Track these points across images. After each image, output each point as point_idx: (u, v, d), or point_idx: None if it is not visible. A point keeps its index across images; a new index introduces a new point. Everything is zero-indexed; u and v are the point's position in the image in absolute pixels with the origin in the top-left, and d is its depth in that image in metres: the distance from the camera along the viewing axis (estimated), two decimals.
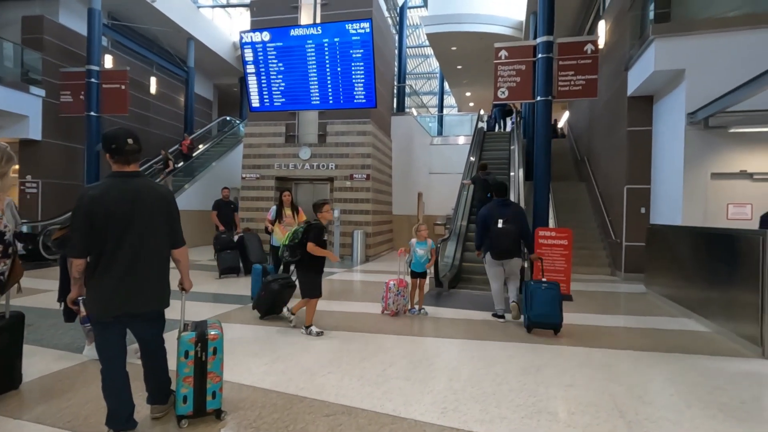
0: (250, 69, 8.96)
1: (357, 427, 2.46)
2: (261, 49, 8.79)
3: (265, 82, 8.98)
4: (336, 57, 8.37)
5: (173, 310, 2.66)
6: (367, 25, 8.06)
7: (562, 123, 19.44)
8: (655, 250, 6.59)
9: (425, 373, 3.31)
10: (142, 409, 2.47)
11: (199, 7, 15.55)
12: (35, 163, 10.55)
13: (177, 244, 2.39)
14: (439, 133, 16.47)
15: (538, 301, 4.40)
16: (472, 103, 22.67)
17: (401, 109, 14.70)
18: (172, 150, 13.93)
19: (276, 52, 8.74)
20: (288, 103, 9.12)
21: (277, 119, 11.04)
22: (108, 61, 11.51)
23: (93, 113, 10.31)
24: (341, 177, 10.65)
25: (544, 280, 4.69)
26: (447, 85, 20.64)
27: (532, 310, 4.44)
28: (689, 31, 6.54)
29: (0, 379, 2.78)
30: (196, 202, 12.57)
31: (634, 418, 2.63)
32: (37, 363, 3.33)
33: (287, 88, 8.91)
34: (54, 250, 3.67)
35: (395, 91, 14.58)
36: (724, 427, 2.54)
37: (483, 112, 14.73)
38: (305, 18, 10.90)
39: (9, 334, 2.83)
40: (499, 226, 4.80)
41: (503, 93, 7.18)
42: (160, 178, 12.09)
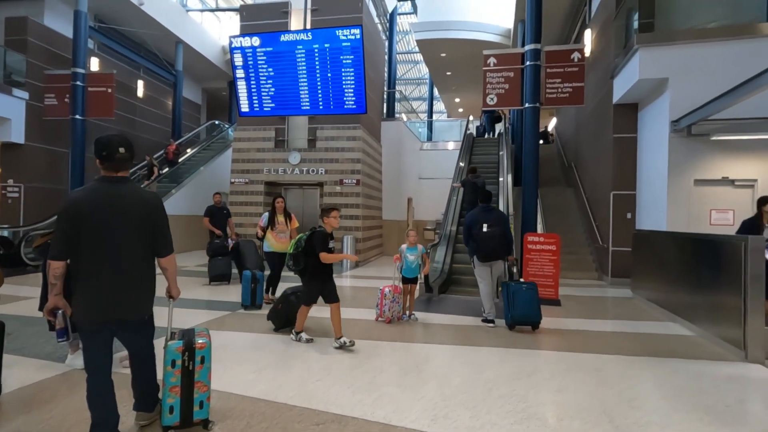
0: (240, 74, 8.93)
1: None
2: (251, 54, 8.76)
3: (255, 87, 8.95)
4: (326, 63, 8.39)
5: (160, 318, 2.62)
6: (357, 31, 8.10)
7: (550, 128, 19.72)
8: (640, 255, 6.69)
9: (416, 379, 3.30)
10: (127, 419, 2.42)
11: (188, 10, 15.44)
12: (17, 167, 10.32)
13: (163, 252, 2.33)
14: (429, 138, 16.56)
15: (520, 301, 4.78)
16: (461, 109, 22.87)
17: (391, 114, 14.76)
18: (157, 156, 13.72)
19: (266, 58, 8.72)
20: (278, 108, 9.10)
21: (267, 124, 10.98)
22: (94, 64, 11.35)
23: (78, 116, 10.16)
24: (331, 182, 10.63)
25: (524, 282, 5.08)
26: (436, 90, 20.80)
27: (514, 309, 4.79)
28: (672, 41, 6.70)
29: None
30: (184, 206, 12.42)
31: (623, 422, 2.65)
32: (18, 373, 3.24)
33: (277, 93, 8.89)
34: (36, 257, 3.57)
35: (385, 96, 14.63)
36: (710, 430, 2.58)
37: (472, 117, 14.88)
38: (295, 23, 10.90)
39: None
40: (484, 230, 5.02)
41: (492, 99, 7.26)
42: (144, 185, 11.91)
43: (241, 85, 9.01)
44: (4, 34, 10.49)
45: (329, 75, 8.44)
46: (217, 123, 17.73)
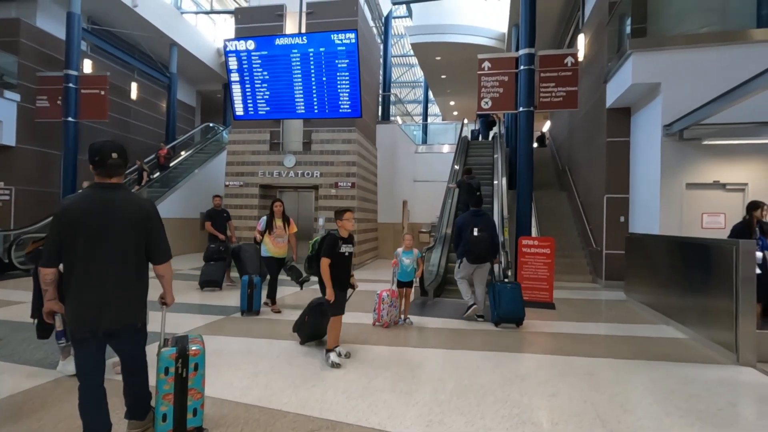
0: (234, 77, 8.89)
1: None
2: (245, 58, 8.74)
3: (250, 90, 8.92)
4: (321, 67, 8.38)
5: (153, 323, 2.60)
6: (352, 35, 8.11)
7: (545, 130, 19.85)
8: (634, 259, 6.74)
9: (410, 384, 3.29)
10: (119, 427, 2.39)
11: (182, 12, 15.38)
12: (8, 169, 10.20)
13: (159, 259, 2.30)
14: (424, 141, 16.62)
15: (506, 299, 5.10)
16: (456, 112, 22.96)
17: (386, 117, 14.79)
18: (148, 160, 13.52)
19: (261, 61, 8.70)
20: (272, 112, 9.07)
21: (262, 126, 10.96)
22: (87, 66, 11.27)
23: (71, 119, 10.09)
24: (326, 185, 10.62)
25: (508, 282, 5.45)
26: (431, 94, 20.86)
27: (500, 307, 5.09)
28: (664, 46, 6.78)
29: None
30: (178, 209, 12.34)
31: (616, 427, 2.67)
32: (7, 380, 3.20)
33: (272, 97, 8.87)
34: (27, 263, 3.52)
35: (380, 99, 14.67)
36: None
37: (467, 121, 14.93)
38: (290, 26, 10.90)
39: None
40: (475, 234, 5.30)
41: (486, 103, 7.30)
42: (134, 190, 11.81)
43: (236, 89, 8.98)
44: None
45: (324, 79, 8.43)
46: (211, 125, 17.67)
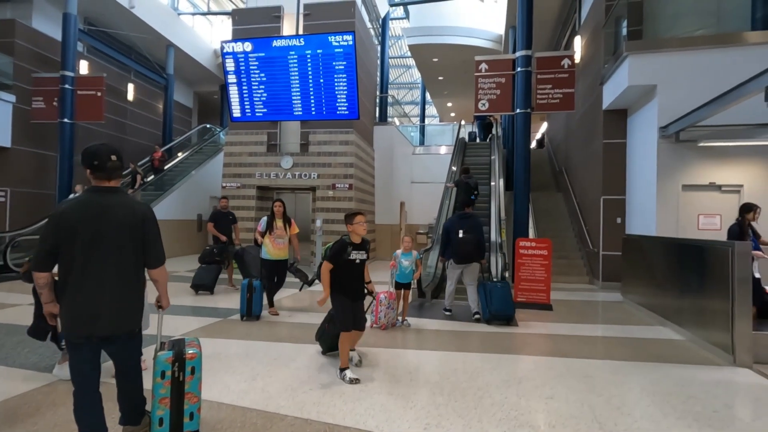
0: (232, 79, 8.89)
1: None
2: (243, 60, 8.73)
3: (247, 92, 8.92)
4: (319, 68, 8.39)
5: (154, 326, 2.57)
6: (350, 37, 8.12)
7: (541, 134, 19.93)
8: (630, 260, 6.76)
9: (408, 387, 3.29)
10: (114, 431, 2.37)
11: (179, 14, 15.36)
12: (4, 171, 10.14)
13: (153, 264, 2.28)
14: (421, 143, 16.65)
15: (496, 297, 5.33)
16: (453, 114, 23.00)
17: (383, 118, 14.81)
18: (143, 163, 13.28)
19: (258, 63, 8.70)
20: (270, 114, 9.07)
21: (259, 128, 10.94)
22: (83, 67, 11.24)
23: (67, 120, 10.05)
24: (323, 186, 10.61)
25: (498, 281, 5.72)
26: (428, 95, 20.90)
27: (492, 305, 5.30)
28: (660, 48, 6.81)
29: None
30: (175, 211, 12.30)
31: (613, 429, 2.67)
32: (2, 384, 3.18)
33: (269, 99, 8.86)
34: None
35: (377, 101, 14.68)
36: None
37: (464, 122, 14.96)
38: (287, 28, 10.90)
39: None
40: (460, 236, 5.50)
41: (484, 105, 7.32)
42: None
43: (233, 91, 8.97)
44: None
45: (321, 80, 8.44)
46: (208, 126, 17.60)
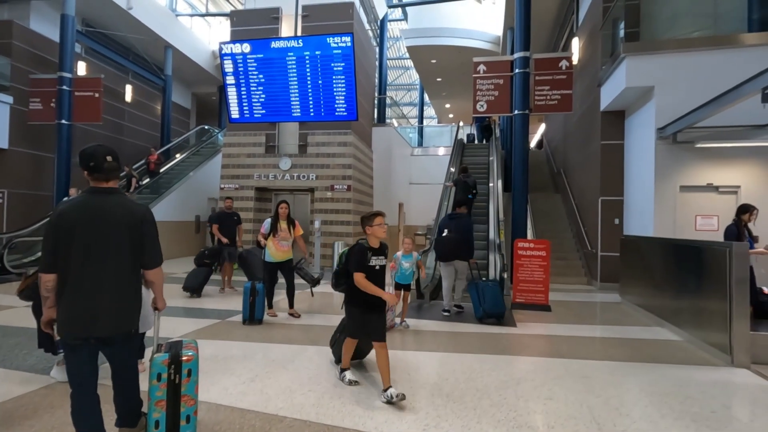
0: (230, 80, 8.89)
1: None
2: (241, 61, 8.73)
3: (245, 93, 8.92)
4: (317, 70, 8.39)
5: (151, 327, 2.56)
6: (348, 39, 8.13)
7: (539, 135, 19.98)
8: (628, 261, 6.78)
9: (407, 388, 3.28)
10: None
11: (177, 15, 15.35)
12: (1, 172, 10.11)
13: (149, 265, 2.27)
14: (420, 144, 16.68)
15: (489, 296, 5.46)
16: (451, 115, 23.04)
17: (382, 120, 14.81)
18: (138, 166, 13.19)
19: (256, 64, 8.70)
20: (268, 115, 9.07)
21: (257, 129, 10.94)
22: (81, 68, 11.22)
23: (64, 121, 10.03)
24: (322, 188, 10.61)
25: (488, 280, 5.88)
26: (427, 96, 20.93)
27: (484, 303, 5.44)
28: (658, 50, 6.84)
29: None
30: (173, 212, 12.28)
31: (612, 429, 2.67)
32: None
33: (267, 100, 8.87)
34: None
35: (376, 102, 14.69)
36: None
37: (462, 123, 14.99)
38: (286, 29, 10.90)
39: None
40: (443, 235, 5.75)
41: (482, 106, 7.33)
42: None
43: (232, 92, 8.97)
44: None
45: (320, 82, 8.45)
46: (206, 128, 17.60)
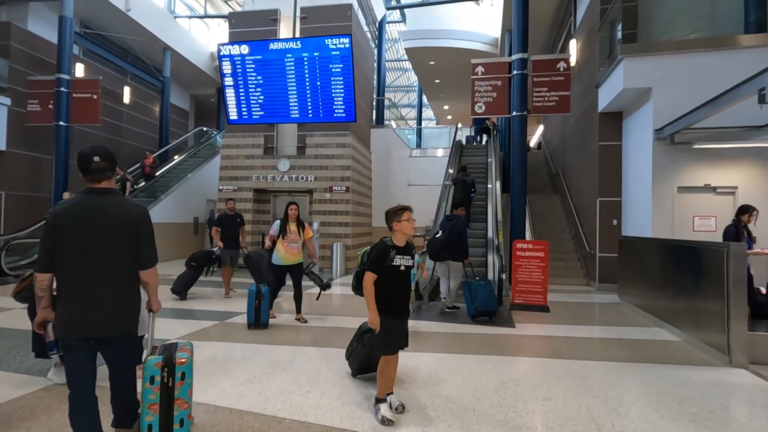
0: (228, 81, 8.89)
1: None
2: (239, 62, 8.74)
3: (244, 94, 8.92)
4: (315, 71, 8.40)
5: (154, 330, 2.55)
6: (346, 40, 8.14)
7: (536, 137, 20.02)
8: (626, 261, 6.79)
9: (405, 389, 3.28)
10: None
11: (175, 17, 15.35)
12: None
13: (145, 265, 2.26)
14: (418, 145, 16.68)
15: (481, 294, 5.59)
16: (450, 116, 23.07)
17: (380, 121, 14.81)
18: (133, 169, 13.11)
19: (255, 65, 8.71)
20: (266, 116, 9.08)
21: (256, 131, 10.93)
22: (79, 70, 11.20)
23: (62, 123, 10.01)
24: (320, 189, 10.60)
25: (481, 279, 6.00)
26: (425, 98, 20.95)
27: (477, 301, 5.55)
28: (655, 51, 6.86)
29: None
30: (172, 214, 12.26)
31: (610, 430, 2.67)
32: None
33: (266, 101, 8.87)
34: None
35: (374, 103, 14.70)
36: None
37: (460, 125, 15.01)
38: (284, 31, 10.91)
39: None
40: (436, 236, 6.05)
41: (480, 108, 7.34)
42: None
43: (230, 93, 8.97)
44: None
45: (318, 83, 8.46)
46: (205, 129, 17.60)
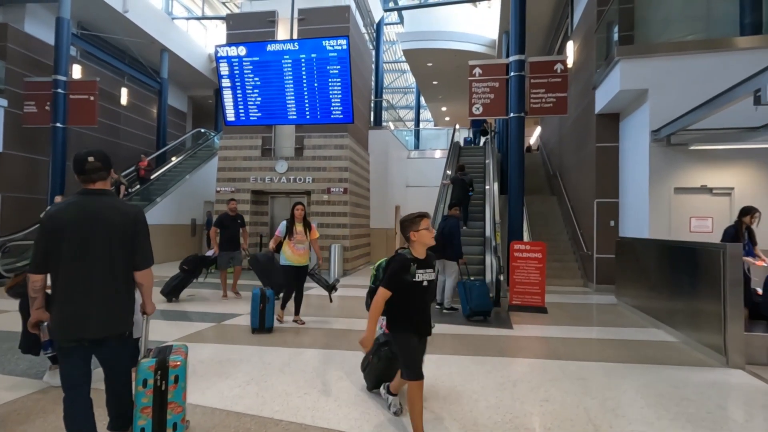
0: (226, 83, 8.89)
1: None
2: (237, 64, 8.74)
3: (241, 96, 8.92)
4: (313, 73, 8.41)
5: (152, 332, 2.53)
6: (344, 42, 8.15)
7: (533, 139, 20.10)
8: (624, 262, 6.80)
9: (403, 391, 3.27)
10: None
11: (173, 18, 15.34)
12: None
13: (141, 265, 2.24)
14: (416, 146, 16.70)
15: (476, 294, 5.65)
16: (447, 118, 23.11)
17: (378, 123, 14.82)
18: (128, 173, 12.99)
19: (252, 67, 8.70)
20: (264, 118, 9.07)
21: (253, 132, 10.93)
22: (77, 71, 11.18)
23: (59, 124, 9.98)
24: (318, 190, 10.60)
25: (475, 279, 6.08)
26: (423, 99, 20.99)
27: (471, 301, 5.62)
28: (651, 53, 6.89)
29: None
30: (169, 216, 12.23)
31: (608, 431, 2.67)
32: None
33: (263, 103, 8.87)
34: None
35: (372, 105, 14.71)
36: None
37: (458, 126, 15.04)
38: (282, 32, 10.91)
39: None
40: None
41: (478, 109, 7.36)
42: None
43: (227, 95, 8.96)
44: None
45: (316, 85, 8.46)
46: (202, 131, 17.58)
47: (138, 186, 12.87)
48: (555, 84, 7.07)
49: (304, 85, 8.54)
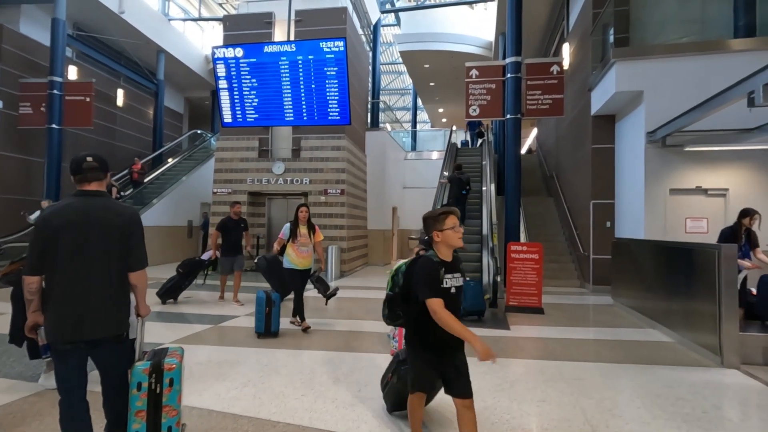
0: (223, 84, 8.88)
1: None
2: (234, 65, 8.73)
3: (238, 97, 8.91)
4: (310, 74, 8.41)
5: (149, 334, 2.53)
6: (341, 43, 8.16)
7: (531, 141, 20.18)
8: (620, 263, 6.84)
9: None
10: None
11: (169, 19, 15.32)
12: None
13: (136, 266, 2.22)
14: (413, 148, 16.73)
15: (469, 295, 5.62)
16: (444, 119, 23.17)
17: (375, 124, 14.84)
18: (121, 176, 12.86)
19: (249, 68, 8.70)
20: (261, 119, 9.07)
21: (250, 133, 10.91)
22: (72, 73, 11.14)
23: (55, 126, 9.94)
24: (315, 192, 10.59)
25: (469, 279, 5.98)
26: (420, 101, 21.03)
27: (465, 301, 5.55)
28: (647, 55, 6.94)
29: None
30: (166, 218, 12.18)
31: (605, 431, 2.69)
32: None
33: (260, 104, 8.86)
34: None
35: (369, 106, 14.73)
36: None
37: (455, 127, 15.07)
38: (279, 34, 10.91)
39: None
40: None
41: (474, 110, 7.39)
42: None
43: (224, 96, 8.95)
44: None
45: (313, 86, 8.47)
46: (199, 132, 17.54)
47: (131, 190, 12.72)
48: (551, 86, 7.11)
49: (301, 86, 8.55)
